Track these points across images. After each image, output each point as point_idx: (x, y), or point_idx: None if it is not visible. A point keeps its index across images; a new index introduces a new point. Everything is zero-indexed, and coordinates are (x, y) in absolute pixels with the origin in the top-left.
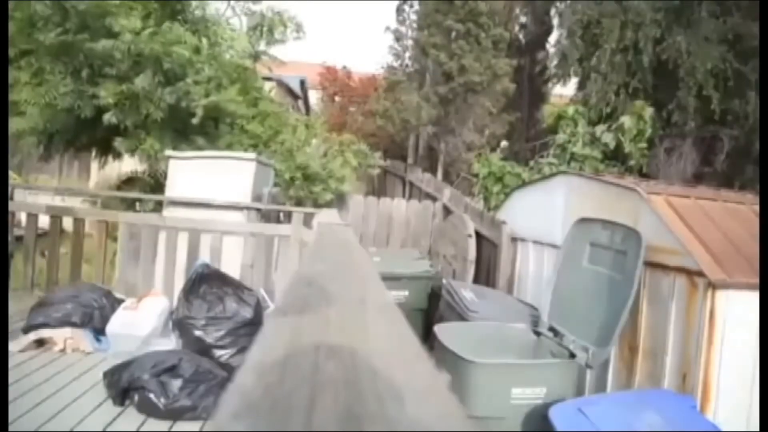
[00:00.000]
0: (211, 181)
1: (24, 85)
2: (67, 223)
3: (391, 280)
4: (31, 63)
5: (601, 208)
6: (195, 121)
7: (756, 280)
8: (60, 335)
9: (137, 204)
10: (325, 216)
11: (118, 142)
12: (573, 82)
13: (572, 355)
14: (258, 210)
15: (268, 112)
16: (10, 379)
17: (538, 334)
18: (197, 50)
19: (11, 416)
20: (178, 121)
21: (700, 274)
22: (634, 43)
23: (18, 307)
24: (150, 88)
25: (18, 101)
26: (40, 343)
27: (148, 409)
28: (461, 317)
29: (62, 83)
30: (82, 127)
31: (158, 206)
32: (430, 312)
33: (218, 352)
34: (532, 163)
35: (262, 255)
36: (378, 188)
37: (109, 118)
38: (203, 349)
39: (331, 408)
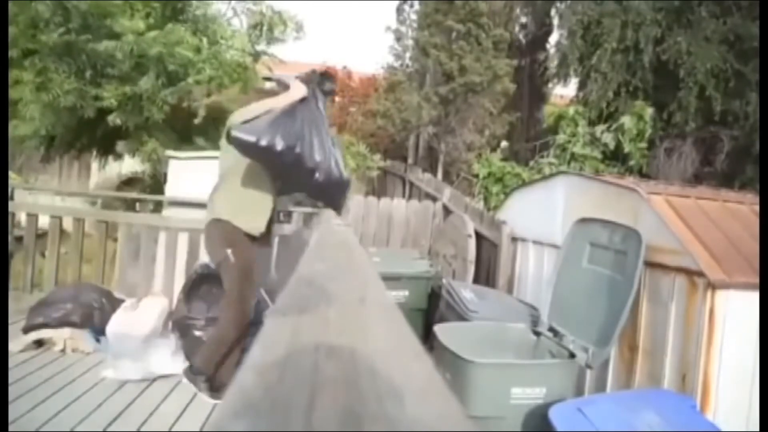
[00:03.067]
0: (211, 181)
1: (26, 84)
2: (67, 223)
3: (391, 280)
4: (35, 63)
5: (601, 208)
6: (197, 121)
7: (756, 280)
8: (60, 335)
9: (137, 204)
10: (326, 216)
11: (120, 146)
12: (573, 82)
13: (572, 355)
14: None
15: None
16: (10, 379)
17: (538, 334)
18: (198, 50)
19: (11, 416)
20: (179, 123)
21: (700, 274)
22: (635, 43)
23: (18, 307)
24: (153, 89)
25: (19, 101)
26: (40, 343)
27: None
28: (461, 317)
29: (66, 81)
30: (83, 128)
31: (158, 207)
32: (430, 312)
33: None
34: (532, 163)
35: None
36: (378, 188)
37: (113, 119)
38: None
39: (331, 408)
